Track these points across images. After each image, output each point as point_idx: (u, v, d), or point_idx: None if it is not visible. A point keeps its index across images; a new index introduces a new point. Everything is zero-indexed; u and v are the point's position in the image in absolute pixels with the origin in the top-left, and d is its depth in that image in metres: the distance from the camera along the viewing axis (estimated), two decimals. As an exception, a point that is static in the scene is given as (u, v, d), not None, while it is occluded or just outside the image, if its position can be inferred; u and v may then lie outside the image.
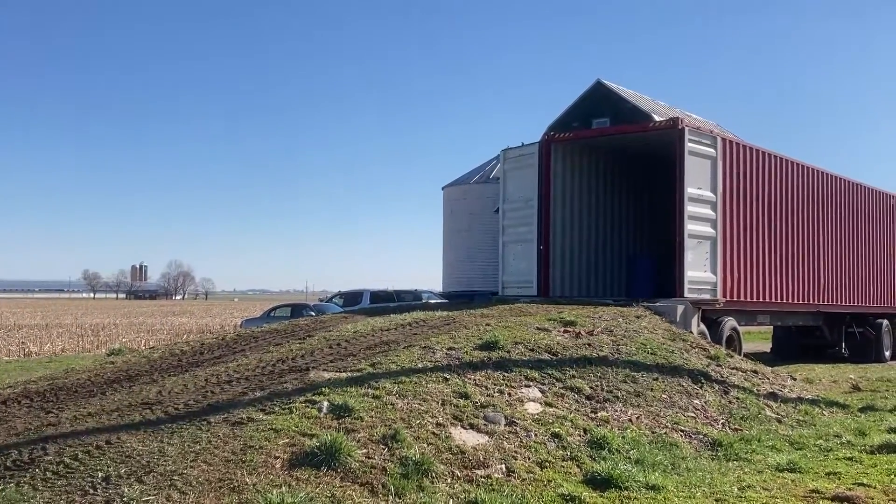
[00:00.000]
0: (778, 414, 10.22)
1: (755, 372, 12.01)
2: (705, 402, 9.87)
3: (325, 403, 7.11)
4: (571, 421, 8.11)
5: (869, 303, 21.99)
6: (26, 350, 25.79)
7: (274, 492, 5.50)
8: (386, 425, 6.89)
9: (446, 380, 8.28)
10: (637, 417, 8.73)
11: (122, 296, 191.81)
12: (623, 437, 7.96)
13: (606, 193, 18.90)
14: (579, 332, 11.30)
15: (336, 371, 8.32)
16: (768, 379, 11.91)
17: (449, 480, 6.35)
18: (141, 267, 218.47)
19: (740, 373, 11.62)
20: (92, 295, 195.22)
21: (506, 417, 7.73)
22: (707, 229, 15.50)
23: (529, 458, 7.08)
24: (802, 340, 22.28)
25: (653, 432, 8.43)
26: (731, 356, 12.70)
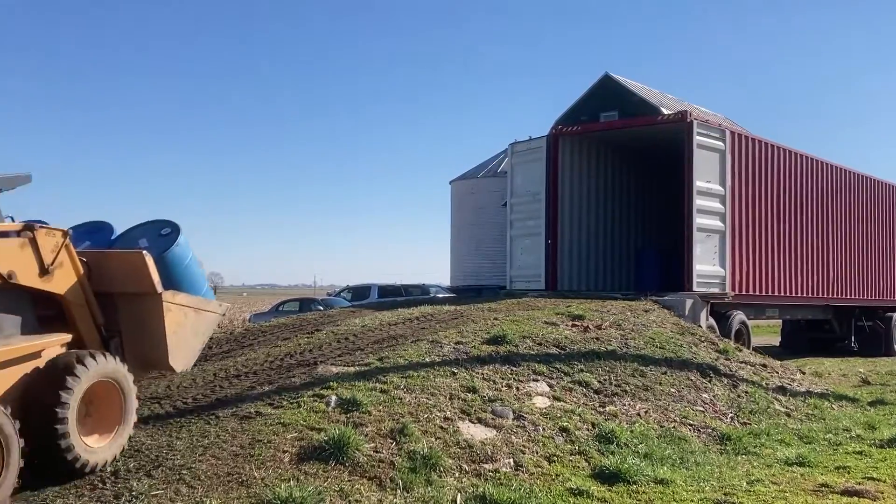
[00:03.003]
0: (787, 408, 10.19)
1: (764, 366, 11.98)
2: (714, 396, 9.85)
3: (333, 398, 7.11)
4: (580, 415, 8.10)
5: (879, 296, 21.88)
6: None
7: (282, 486, 5.51)
8: (394, 419, 6.89)
9: (454, 374, 8.28)
10: (645, 411, 8.71)
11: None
12: (631, 431, 7.95)
13: (614, 187, 18.86)
14: (587, 326, 11.29)
15: (344, 365, 8.33)
16: (777, 373, 11.87)
17: (457, 474, 6.35)
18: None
19: (749, 367, 11.59)
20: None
21: (514, 411, 7.72)
22: (716, 223, 15.45)
23: (537, 453, 7.08)
24: (812, 334, 22.21)
25: (661, 426, 8.42)
26: (740, 350, 12.68)
